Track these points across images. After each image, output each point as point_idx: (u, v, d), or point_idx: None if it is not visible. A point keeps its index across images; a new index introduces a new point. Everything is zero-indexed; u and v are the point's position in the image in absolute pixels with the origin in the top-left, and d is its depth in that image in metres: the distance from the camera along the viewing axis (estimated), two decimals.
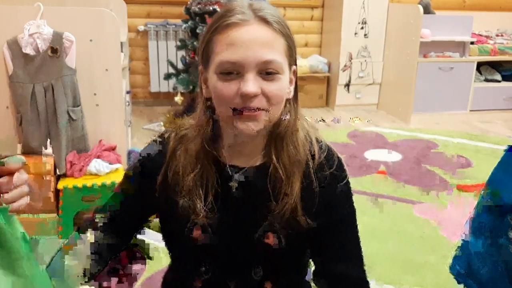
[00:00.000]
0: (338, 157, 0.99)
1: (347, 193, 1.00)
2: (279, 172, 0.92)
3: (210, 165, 0.94)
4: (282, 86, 0.87)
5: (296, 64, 0.94)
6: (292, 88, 0.93)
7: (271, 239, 0.95)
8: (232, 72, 0.84)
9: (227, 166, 0.95)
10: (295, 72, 0.94)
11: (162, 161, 0.97)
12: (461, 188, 3.08)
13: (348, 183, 0.99)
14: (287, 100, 0.92)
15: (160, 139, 1.00)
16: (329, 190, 0.96)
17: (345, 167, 1.00)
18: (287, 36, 0.88)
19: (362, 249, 1.03)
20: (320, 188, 0.95)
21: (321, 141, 0.99)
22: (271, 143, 0.94)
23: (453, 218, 2.64)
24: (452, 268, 1.19)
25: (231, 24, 0.84)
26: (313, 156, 0.96)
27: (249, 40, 0.83)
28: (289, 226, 0.94)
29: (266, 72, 0.84)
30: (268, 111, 0.86)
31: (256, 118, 0.85)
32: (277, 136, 0.93)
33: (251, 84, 0.83)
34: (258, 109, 0.84)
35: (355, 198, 1.01)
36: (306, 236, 0.96)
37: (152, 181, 0.97)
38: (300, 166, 0.94)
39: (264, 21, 0.85)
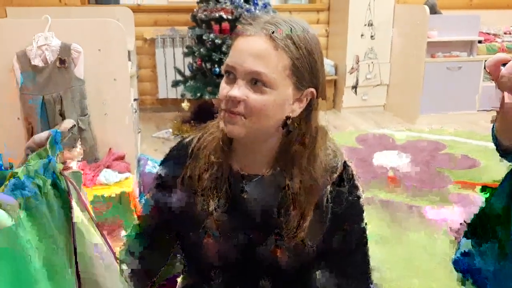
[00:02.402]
0: (353, 175, 1.01)
1: (359, 210, 1.01)
2: (290, 200, 0.95)
3: (226, 165, 0.98)
4: (268, 101, 0.87)
5: (316, 88, 0.92)
6: (296, 107, 0.92)
7: (278, 252, 0.98)
8: (230, 74, 0.89)
9: (239, 173, 0.99)
10: (313, 96, 0.92)
11: (184, 162, 1.02)
12: (459, 183, 3.11)
13: (360, 201, 1.01)
14: (291, 118, 0.92)
15: (183, 143, 1.05)
16: (341, 207, 0.98)
17: (359, 184, 1.01)
18: (296, 56, 0.87)
19: (372, 256, 1.04)
20: (334, 209, 0.97)
21: (347, 167, 1.01)
22: (281, 158, 0.95)
23: (463, 220, 2.62)
24: (455, 263, 1.19)
25: (240, 32, 0.89)
26: (337, 182, 0.98)
27: (245, 50, 0.87)
28: (295, 248, 0.97)
29: (255, 83, 0.87)
30: (246, 118, 0.88)
31: (233, 121, 0.89)
32: (290, 160, 0.94)
33: (236, 89, 0.87)
34: (236, 113, 0.88)
35: (364, 201, 1.02)
36: (311, 251, 0.98)
37: (175, 184, 1.02)
38: (315, 195, 0.96)
39: (268, 35, 0.86)
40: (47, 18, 2.27)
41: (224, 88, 0.90)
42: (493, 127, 1.01)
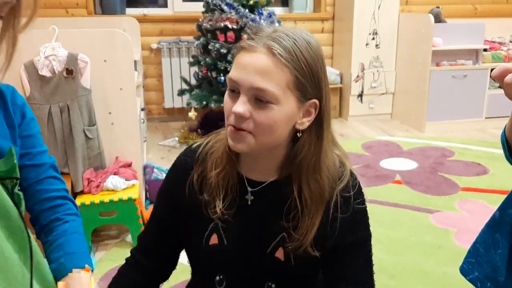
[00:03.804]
0: (359, 182, 1.01)
1: (364, 217, 1.01)
2: (298, 208, 0.95)
3: (232, 171, 0.98)
4: (273, 116, 0.87)
5: (319, 99, 0.92)
6: (305, 120, 0.92)
7: (283, 258, 0.98)
8: (234, 90, 0.89)
9: (245, 178, 0.99)
10: (316, 106, 0.92)
11: (192, 167, 1.03)
12: (467, 190, 3.11)
13: (365, 208, 1.01)
14: (302, 131, 0.93)
15: (191, 149, 1.06)
16: (347, 214, 0.98)
17: (363, 190, 1.01)
18: (298, 70, 0.87)
19: (379, 262, 1.03)
20: (340, 216, 0.97)
21: (353, 175, 1.01)
22: (286, 166, 0.96)
23: (471, 227, 2.61)
24: (463, 270, 1.18)
25: (242, 48, 0.89)
26: (343, 189, 0.97)
27: (248, 66, 0.87)
28: (300, 254, 0.97)
29: (258, 99, 0.87)
30: (254, 135, 0.89)
31: (240, 139, 0.90)
32: (296, 169, 0.94)
33: (240, 105, 0.87)
34: (243, 130, 0.89)
35: (372, 208, 1.02)
36: (316, 257, 0.98)
37: (182, 188, 1.03)
38: (322, 203, 0.96)
39: (270, 51, 0.86)
40: (54, 29, 2.30)
41: (228, 102, 0.91)
42: (502, 133, 1.00)
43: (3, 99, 0.89)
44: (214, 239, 1.01)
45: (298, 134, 0.93)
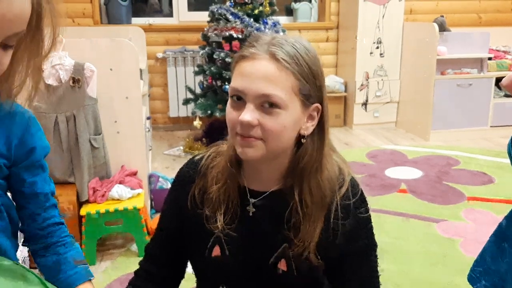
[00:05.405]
0: (361, 190, 1.01)
1: (368, 226, 1.01)
2: (299, 213, 0.95)
3: (233, 184, 0.98)
4: (281, 121, 0.88)
5: (321, 102, 0.93)
6: (309, 124, 0.94)
7: (286, 268, 0.98)
8: (239, 99, 0.90)
9: (247, 189, 0.99)
10: (319, 110, 0.93)
11: (194, 180, 1.03)
12: (473, 199, 3.10)
13: (369, 217, 1.01)
14: (306, 136, 0.94)
15: (194, 161, 1.07)
16: (348, 221, 0.97)
17: (367, 199, 1.01)
18: (301, 74, 0.88)
19: (384, 271, 1.02)
20: (341, 223, 0.97)
21: (354, 181, 1.00)
22: (290, 174, 0.96)
23: (477, 236, 2.59)
24: (471, 280, 1.17)
25: (244, 57, 0.90)
26: (343, 196, 0.97)
27: (253, 73, 0.87)
28: (302, 261, 0.96)
29: (265, 105, 0.87)
30: (264, 141, 0.89)
31: (251, 145, 0.89)
32: (299, 173, 0.95)
33: (248, 114, 0.87)
34: (253, 137, 0.89)
35: (377, 217, 1.01)
36: (319, 267, 0.98)
37: (184, 200, 1.03)
38: (323, 207, 0.96)
39: (273, 57, 0.87)
40: (61, 38, 2.32)
41: (232, 113, 0.90)
42: (509, 143, 1.00)
43: (7, 130, 0.89)
44: (216, 251, 1.00)
45: (302, 140, 0.93)
